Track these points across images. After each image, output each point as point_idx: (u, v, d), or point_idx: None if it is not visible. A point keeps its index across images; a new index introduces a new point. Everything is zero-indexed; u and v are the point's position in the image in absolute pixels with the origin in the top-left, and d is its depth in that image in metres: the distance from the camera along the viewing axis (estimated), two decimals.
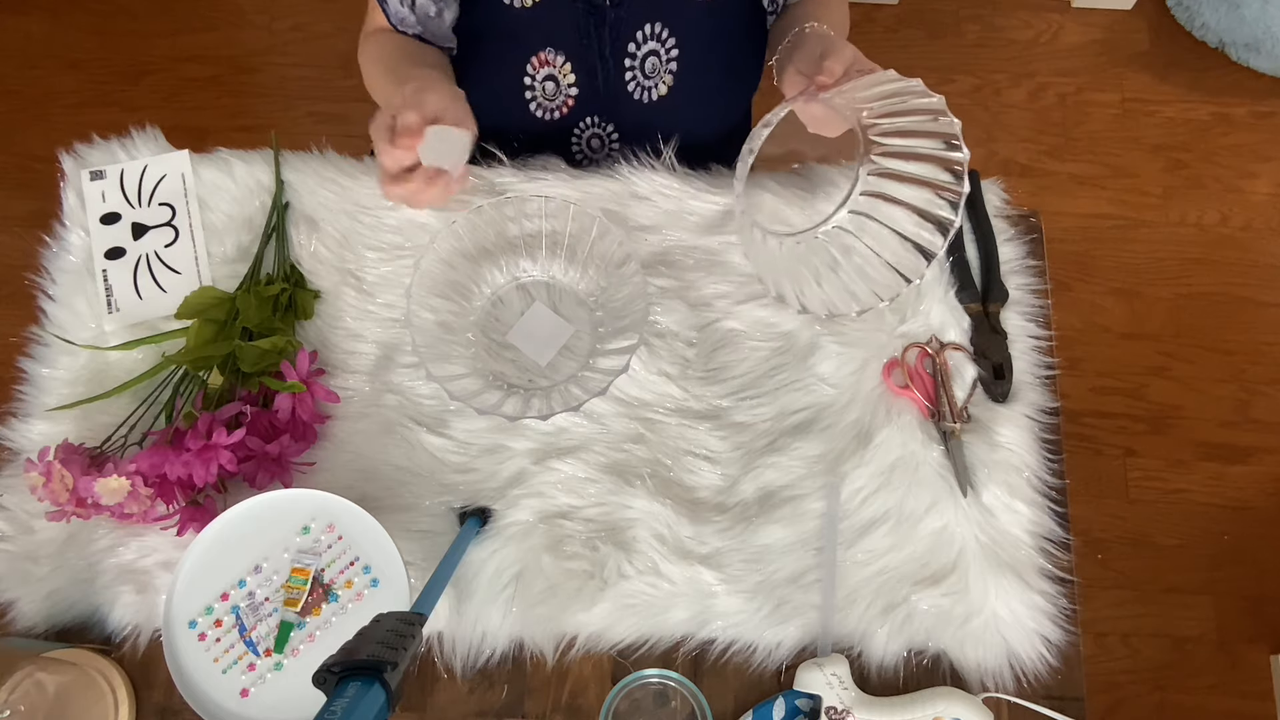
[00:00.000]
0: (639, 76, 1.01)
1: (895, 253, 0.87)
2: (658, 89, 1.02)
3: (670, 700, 0.84)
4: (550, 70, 1.00)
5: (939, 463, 0.90)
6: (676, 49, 0.99)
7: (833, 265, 0.89)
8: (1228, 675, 1.62)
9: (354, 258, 0.97)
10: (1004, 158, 1.97)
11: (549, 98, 1.02)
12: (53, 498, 0.82)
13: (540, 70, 1.00)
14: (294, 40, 2.09)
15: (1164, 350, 1.82)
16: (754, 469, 0.90)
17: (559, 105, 1.03)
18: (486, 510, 0.88)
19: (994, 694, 0.84)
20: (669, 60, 1.00)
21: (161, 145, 1.02)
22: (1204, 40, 2.03)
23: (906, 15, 2.10)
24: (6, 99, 2.05)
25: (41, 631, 0.86)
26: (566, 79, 1.01)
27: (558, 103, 1.03)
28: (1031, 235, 1.00)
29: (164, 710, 0.84)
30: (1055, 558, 0.88)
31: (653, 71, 1.01)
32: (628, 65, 1.00)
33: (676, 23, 0.98)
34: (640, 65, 1.00)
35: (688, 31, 0.99)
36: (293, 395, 0.88)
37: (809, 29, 0.92)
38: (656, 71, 1.01)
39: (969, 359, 0.93)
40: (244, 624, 0.79)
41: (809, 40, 0.89)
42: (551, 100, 1.03)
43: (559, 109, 1.04)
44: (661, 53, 0.99)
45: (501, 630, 0.85)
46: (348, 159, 1.02)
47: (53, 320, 0.95)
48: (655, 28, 0.98)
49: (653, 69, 1.01)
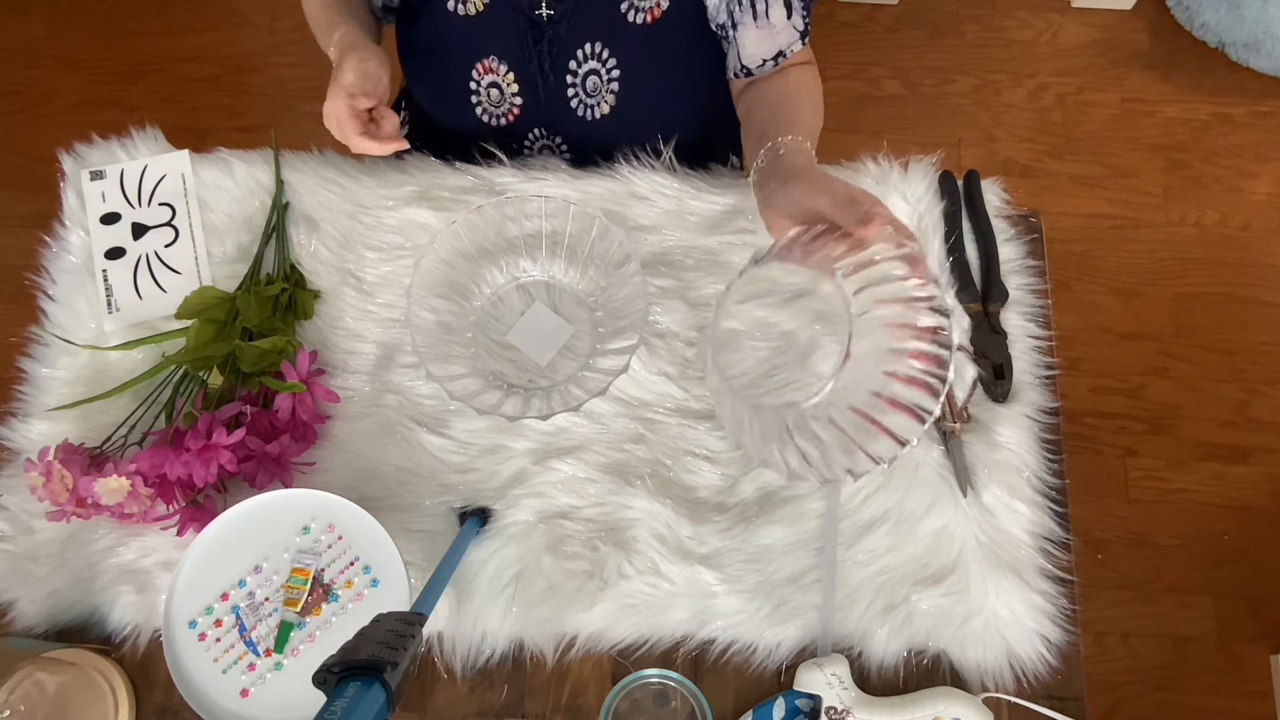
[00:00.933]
0: (581, 94, 1.00)
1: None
2: (600, 108, 1.01)
3: (670, 700, 0.84)
4: (494, 78, 1.00)
5: (939, 463, 0.90)
6: (618, 69, 0.98)
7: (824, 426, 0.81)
8: (1228, 675, 1.61)
9: (354, 258, 0.97)
10: (1004, 158, 1.97)
11: (494, 104, 1.02)
12: (53, 498, 0.82)
13: (485, 77, 1.00)
14: (294, 40, 2.09)
15: (1164, 350, 1.82)
16: (754, 469, 0.90)
17: (504, 113, 1.03)
18: (486, 510, 0.88)
19: (994, 694, 0.84)
20: (610, 80, 0.99)
21: (161, 145, 1.03)
22: (1204, 40, 2.03)
23: (906, 15, 2.10)
24: (6, 99, 2.05)
25: (41, 631, 0.86)
26: (510, 88, 1.00)
27: (503, 110, 1.02)
28: (1031, 235, 1.00)
29: (164, 710, 0.84)
30: (1055, 558, 0.88)
31: (594, 90, 1.00)
32: (569, 82, 0.99)
33: (617, 44, 0.97)
34: (581, 84, 0.99)
35: (628, 53, 0.97)
36: (293, 395, 0.88)
37: (784, 148, 0.87)
38: (598, 90, 1.00)
39: (969, 359, 0.93)
40: (244, 624, 0.79)
41: (792, 174, 0.83)
42: (497, 107, 1.02)
43: (504, 116, 1.03)
44: (602, 73, 0.98)
45: (501, 630, 0.85)
46: (348, 159, 1.02)
47: (53, 320, 0.95)
48: (595, 47, 0.97)
49: (594, 88, 1.00)
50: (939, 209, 0.99)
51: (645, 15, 0.95)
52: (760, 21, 0.94)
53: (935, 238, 0.98)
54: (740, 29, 0.96)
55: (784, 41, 0.96)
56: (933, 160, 1.01)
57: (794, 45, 0.97)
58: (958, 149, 1.98)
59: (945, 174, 1.00)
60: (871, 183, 1.00)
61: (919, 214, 0.99)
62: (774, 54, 0.97)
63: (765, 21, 0.94)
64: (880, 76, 2.05)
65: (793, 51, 0.97)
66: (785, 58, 0.98)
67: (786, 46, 0.97)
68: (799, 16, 0.95)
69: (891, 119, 2.01)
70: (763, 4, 0.94)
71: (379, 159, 1.05)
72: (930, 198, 0.99)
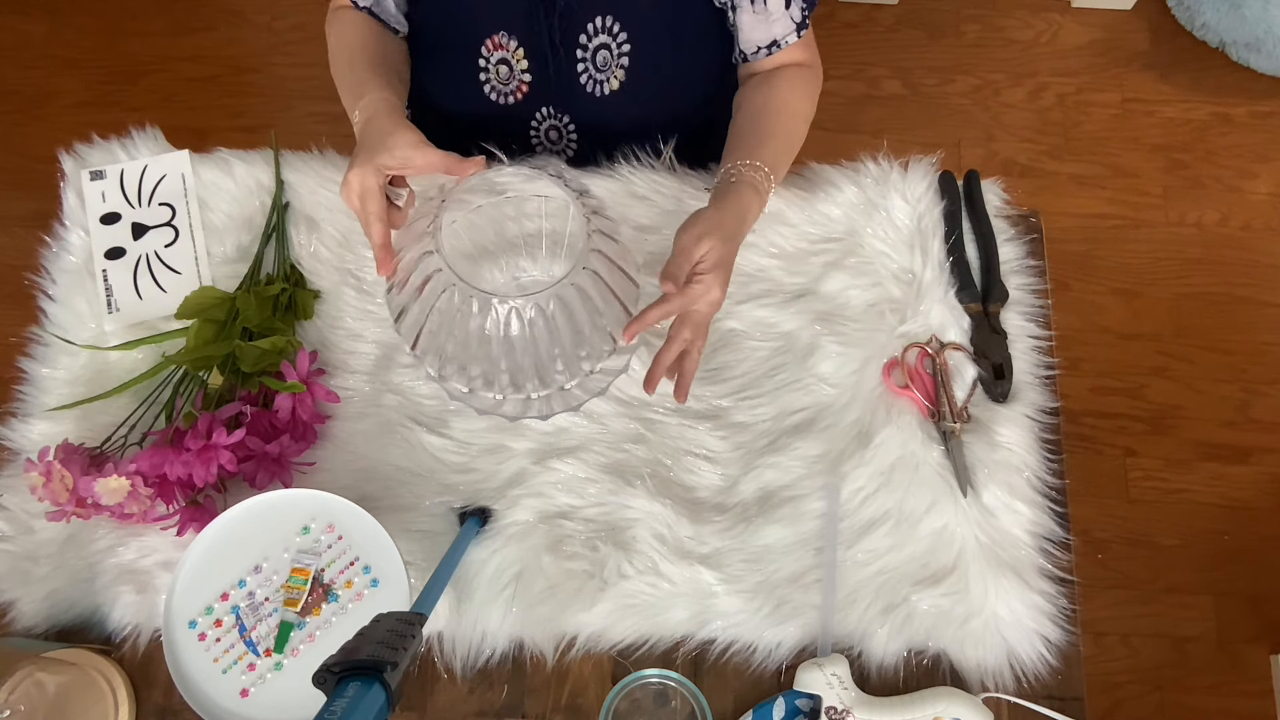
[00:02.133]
0: (591, 69, 1.00)
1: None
2: (609, 83, 1.01)
3: (670, 700, 0.84)
4: (503, 54, 0.99)
5: (939, 463, 0.90)
6: (628, 44, 0.98)
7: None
8: (1228, 675, 1.61)
9: (354, 258, 0.97)
10: (1004, 158, 1.97)
11: (503, 81, 1.02)
12: (53, 498, 0.82)
13: (494, 53, 0.99)
14: (294, 40, 2.09)
15: (1164, 350, 1.82)
16: (754, 469, 0.90)
17: (513, 90, 1.02)
18: (486, 510, 0.88)
19: (994, 694, 0.84)
20: (620, 55, 0.99)
21: (161, 145, 1.03)
22: (1204, 40, 2.03)
23: (906, 15, 2.10)
24: (6, 99, 2.05)
25: (41, 631, 0.86)
26: (520, 64, 1.00)
27: (511, 87, 1.02)
28: (1031, 235, 0.99)
29: (164, 710, 0.84)
30: (1055, 558, 0.88)
31: (604, 65, 1.00)
32: (579, 57, 0.99)
33: (627, 17, 0.97)
34: (592, 58, 0.99)
35: (640, 27, 0.98)
36: (293, 395, 0.88)
37: (735, 174, 0.88)
38: (608, 65, 1.00)
39: (969, 359, 0.93)
40: (244, 624, 0.79)
41: (715, 199, 0.86)
42: (505, 84, 1.02)
43: (513, 94, 1.03)
44: (613, 46, 0.98)
45: (501, 630, 0.85)
46: (348, 159, 1.02)
47: (53, 320, 0.95)
48: (606, 20, 0.96)
49: (604, 63, 0.99)
50: (939, 209, 0.99)
51: None
52: (757, 6, 0.95)
53: (935, 238, 0.98)
54: (739, 11, 0.96)
55: (779, 31, 0.97)
56: (933, 160, 1.01)
57: (789, 37, 0.97)
58: (958, 149, 1.98)
59: (945, 174, 1.00)
60: (871, 182, 1.00)
61: (919, 214, 0.99)
62: (769, 42, 0.97)
63: (761, 7, 0.95)
64: (880, 76, 2.05)
65: (787, 43, 0.97)
66: (780, 48, 0.98)
67: (782, 37, 0.97)
68: (797, 8, 0.96)
69: (891, 119, 2.01)
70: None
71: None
72: (930, 198, 0.99)
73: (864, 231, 0.98)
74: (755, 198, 0.87)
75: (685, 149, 1.03)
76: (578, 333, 0.78)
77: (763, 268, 0.97)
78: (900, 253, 0.97)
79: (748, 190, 0.87)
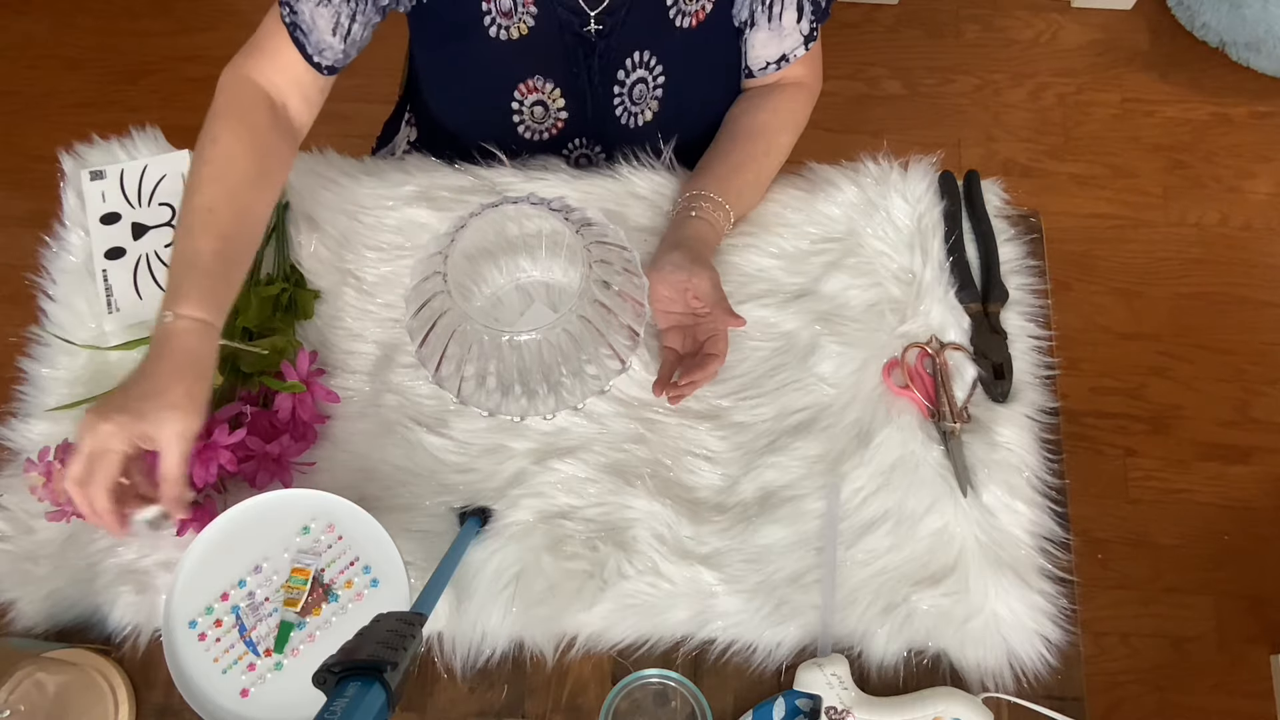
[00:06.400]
0: (626, 103, 1.01)
1: None
2: (644, 114, 1.02)
3: (670, 700, 0.84)
4: (539, 96, 0.99)
5: (939, 463, 0.90)
6: (663, 75, 0.99)
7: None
8: (1228, 675, 1.61)
9: (354, 258, 0.97)
10: (1004, 158, 1.97)
11: (538, 121, 1.02)
12: (53, 498, 0.82)
13: (529, 96, 0.99)
14: None
15: (1164, 350, 1.82)
16: (754, 469, 0.90)
17: (548, 128, 1.02)
18: (486, 510, 0.88)
19: (994, 694, 0.84)
20: (655, 87, 1.00)
21: (161, 145, 1.03)
22: (1204, 40, 2.03)
23: (906, 15, 2.10)
24: (6, 99, 2.05)
25: (41, 631, 0.86)
26: (556, 104, 1.00)
27: (546, 125, 1.02)
28: (1031, 235, 1.00)
29: (164, 710, 0.84)
30: (1055, 558, 0.88)
31: (640, 98, 1.00)
32: (616, 92, 0.99)
33: (663, 50, 0.97)
34: (628, 92, 1.00)
35: (674, 58, 0.98)
36: (293, 395, 0.88)
37: (696, 209, 0.91)
38: (644, 98, 1.00)
39: (969, 359, 0.93)
40: (244, 624, 0.79)
41: (682, 244, 0.89)
42: (540, 124, 1.02)
43: (548, 131, 1.03)
44: (649, 79, 0.99)
45: (501, 630, 0.85)
46: (348, 159, 1.02)
47: (53, 320, 0.95)
48: (644, 55, 0.97)
49: (640, 95, 1.00)
50: (939, 209, 0.99)
51: (691, 19, 0.96)
52: (774, 24, 0.96)
53: (935, 238, 0.98)
54: (755, 29, 0.97)
55: (789, 45, 0.98)
56: (933, 160, 1.01)
57: (797, 50, 0.98)
58: (958, 149, 1.98)
59: (945, 174, 1.00)
60: (871, 182, 1.00)
61: (919, 214, 0.99)
62: (778, 57, 0.99)
63: (778, 24, 0.96)
64: (880, 76, 2.05)
65: (795, 56, 0.99)
66: (788, 63, 0.99)
67: (790, 51, 0.99)
68: (807, 21, 0.97)
69: (891, 119, 2.01)
70: (779, 5, 0.95)
71: (379, 159, 1.05)
72: (930, 198, 0.99)
73: (864, 231, 0.98)
74: (712, 234, 0.92)
75: (685, 149, 1.03)
76: (584, 360, 0.82)
77: (763, 268, 0.97)
78: (900, 253, 0.97)
79: (705, 228, 0.91)
